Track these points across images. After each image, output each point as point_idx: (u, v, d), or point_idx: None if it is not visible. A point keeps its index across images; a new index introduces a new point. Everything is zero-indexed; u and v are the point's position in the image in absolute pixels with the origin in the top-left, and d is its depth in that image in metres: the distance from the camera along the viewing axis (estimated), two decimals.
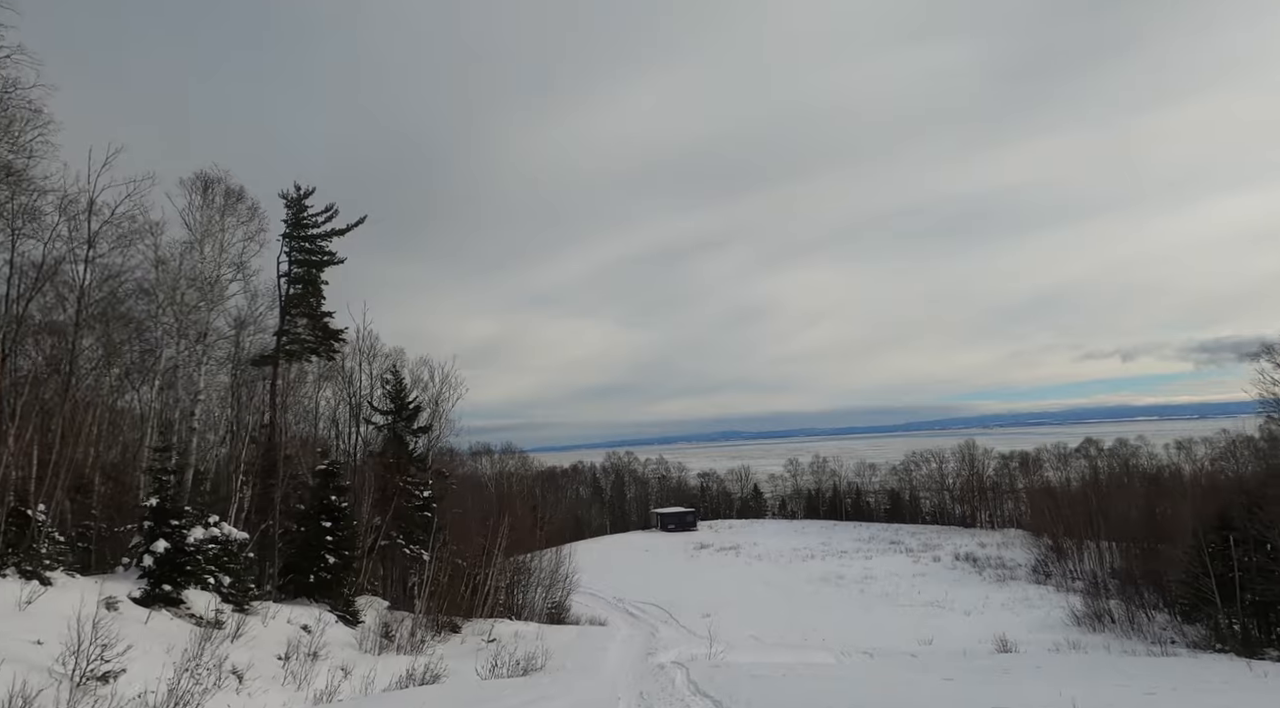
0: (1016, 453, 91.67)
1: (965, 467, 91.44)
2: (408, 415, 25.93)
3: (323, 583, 18.73)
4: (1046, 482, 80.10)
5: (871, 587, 54.08)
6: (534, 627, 27.01)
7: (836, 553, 72.62)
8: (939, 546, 72.41)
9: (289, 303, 24.78)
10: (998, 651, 27.45)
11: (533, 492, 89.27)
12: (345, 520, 19.45)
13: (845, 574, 59.98)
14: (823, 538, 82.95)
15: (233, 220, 23.52)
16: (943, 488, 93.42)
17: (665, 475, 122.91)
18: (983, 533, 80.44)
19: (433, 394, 41.61)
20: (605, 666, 18.18)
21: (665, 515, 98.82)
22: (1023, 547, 65.75)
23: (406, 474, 24.95)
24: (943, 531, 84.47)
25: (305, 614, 17.11)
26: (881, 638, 35.36)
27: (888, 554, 70.86)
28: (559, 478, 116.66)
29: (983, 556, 64.87)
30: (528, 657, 16.40)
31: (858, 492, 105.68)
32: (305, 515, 19.21)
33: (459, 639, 22.46)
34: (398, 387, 25.94)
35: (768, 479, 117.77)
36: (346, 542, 19.31)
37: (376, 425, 26.16)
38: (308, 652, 14.76)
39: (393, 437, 25.77)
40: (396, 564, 26.73)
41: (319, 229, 25.55)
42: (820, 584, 56.73)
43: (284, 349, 24.52)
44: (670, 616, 43.13)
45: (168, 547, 13.12)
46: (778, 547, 77.57)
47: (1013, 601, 45.17)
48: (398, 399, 25.86)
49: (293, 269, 25.09)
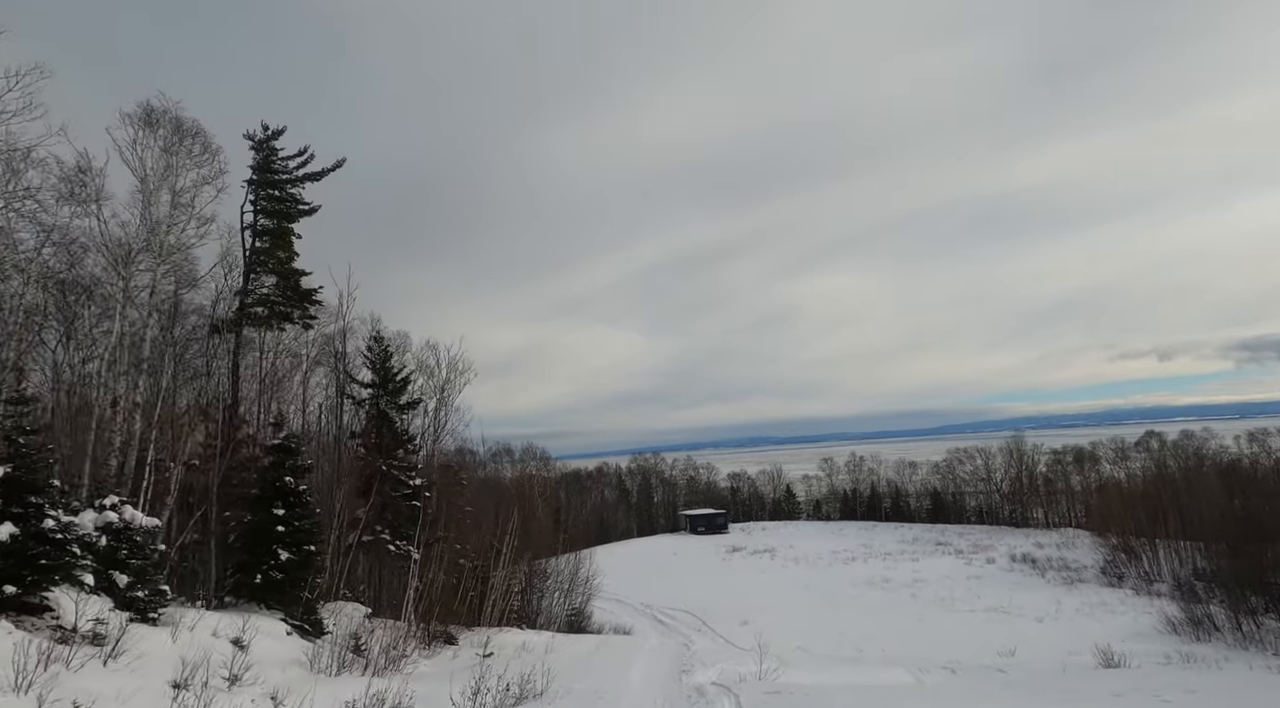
0: (1070, 448, 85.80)
1: (1014, 463, 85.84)
2: (394, 388, 22.20)
3: (272, 585, 15.00)
4: (1110, 477, 74.47)
5: (923, 591, 49.37)
6: (546, 637, 23.08)
7: (879, 555, 67.89)
8: (991, 546, 67.34)
9: (254, 259, 21.24)
10: (1102, 665, 22.92)
11: (556, 495, 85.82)
12: (304, 508, 15.74)
13: (892, 577, 55.31)
14: (863, 540, 78.15)
15: (185, 161, 20.06)
16: (990, 486, 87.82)
17: (694, 477, 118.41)
18: (1038, 532, 75.01)
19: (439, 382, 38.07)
20: (627, 689, 14.19)
21: (695, 517, 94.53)
22: (1087, 547, 60.50)
23: (393, 457, 21.22)
24: (993, 531, 79.14)
25: (241, 625, 13.35)
26: (948, 649, 30.88)
27: (935, 556, 66.00)
28: (584, 481, 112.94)
29: (1042, 556, 59.73)
30: (524, 679, 12.46)
31: (897, 491, 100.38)
32: (255, 501, 15.52)
33: (451, 654, 18.61)
34: (382, 355, 22.21)
35: (801, 479, 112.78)
36: (305, 534, 15.59)
37: (355, 399, 22.46)
38: (225, 675, 10.97)
39: (376, 413, 22.06)
40: (388, 565, 22.96)
41: (290, 174, 22.02)
42: (865, 588, 52.15)
43: (248, 312, 20.99)
44: (704, 623, 38.96)
45: (14, 533, 9.46)
46: (815, 549, 72.96)
47: (1088, 605, 40.27)
48: (381, 369, 22.15)
49: (258, 220, 21.55)
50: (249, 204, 21.57)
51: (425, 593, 20.56)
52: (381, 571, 22.44)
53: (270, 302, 21.56)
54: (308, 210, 22.02)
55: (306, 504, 16.08)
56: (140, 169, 19.16)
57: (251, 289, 21.22)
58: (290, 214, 21.85)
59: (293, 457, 16.11)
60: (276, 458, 15.94)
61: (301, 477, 16.24)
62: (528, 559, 29.16)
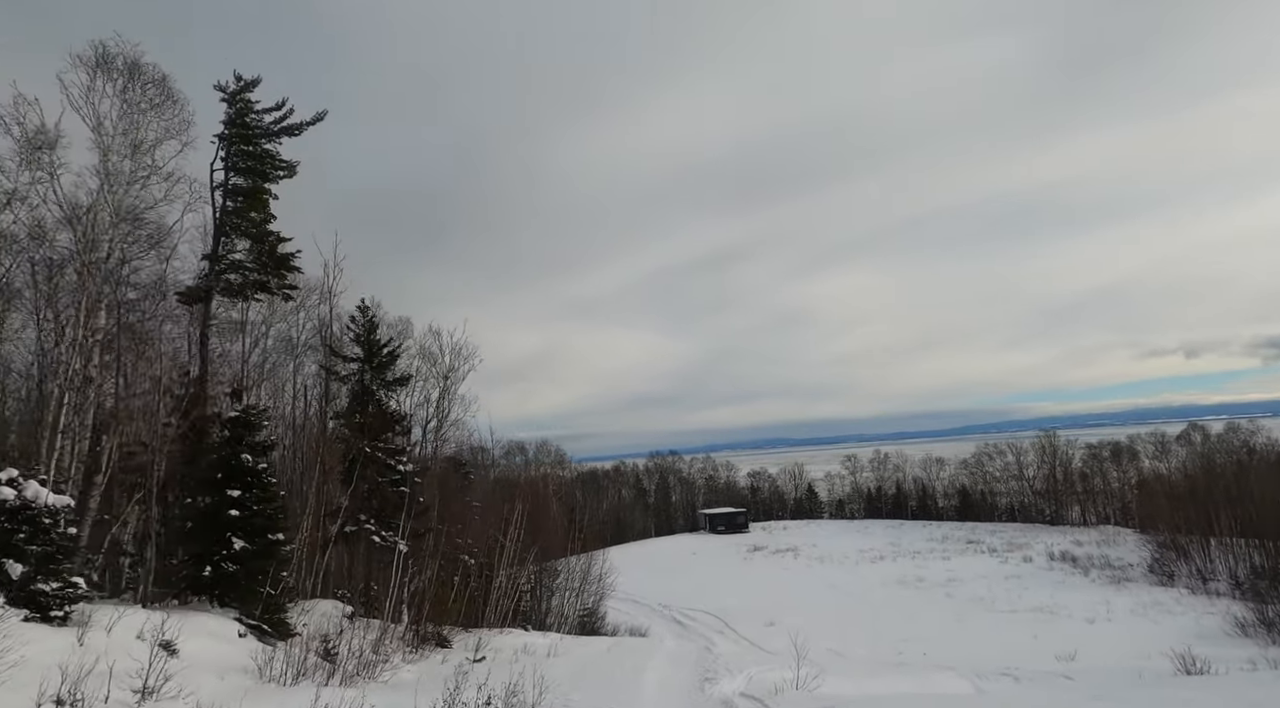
0: (1107, 443, 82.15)
1: (1047, 459, 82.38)
2: (380, 363, 20.02)
3: (226, 578, 12.87)
4: (1151, 472, 70.97)
5: (959, 590, 46.56)
6: (551, 639, 20.82)
7: (908, 554, 65.03)
8: (1026, 545, 64.22)
9: (225, 222, 19.22)
10: (1181, 671, 20.26)
11: (571, 494, 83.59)
12: (265, 490, 13.61)
13: (925, 576, 52.51)
14: (890, 538, 75.23)
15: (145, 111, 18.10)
16: (1023, 482, 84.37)
17: (712, 476, 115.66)
18: (1075, 530, 71.66)
19: (442, 369, 35.95)
20: (639, 702, 11.90)
21: (714, 516, 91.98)
22: (1131, 544, 57.37)
23: (380, 439, 19.05)
24: (1026, 528, 75.83)
25: (179, 625, 11.21)
26: (996, 652, 28.25)
27: (968, 554, 63.04)
28: (600, 480, 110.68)
29: (1082, 554, 56.60)
30: (509, 689, 10.20)
31: (923, 489, 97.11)
32: (207, 483, 13.42)
33: (440, 658, 16.40)
34: (368, 326, 20.03)
35: (823, 477, 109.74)
36: (266, 520, 13.46)
37: (339, 375, 20.28)
38: (136, 687, 8.81)
39: (361, 390, 19.89)
40: (377, 559, 20.82)
41: (266, 129, 19.98)
42: (897, 588, 49.42)
43: (219, 278, 18.97)
44: (726, 624, 36.54)
45: None
46: (840, 548, 70.20)
47: (1142, 605, 37.31)
48: (366, 341, 19.97)
49: (230, 179, 19.52)
50: (219, 161, 19.55)
51: (416, 590, 18.38)
52: (370, 566, 20.31)
53: (244, 268, 19.54)
54: (285, 168, 19.97)
55: (268, 486, 13.94)
56: (94, 118, 17.16)
57: (223, 254, 19.21)
58: (265, 173, 19.81)
59: (252, 431, 13.99)
60: (233, 432, 13.82)
61: (263, 454, 14.11)
62: (534, 554, 26.93)
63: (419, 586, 18.41)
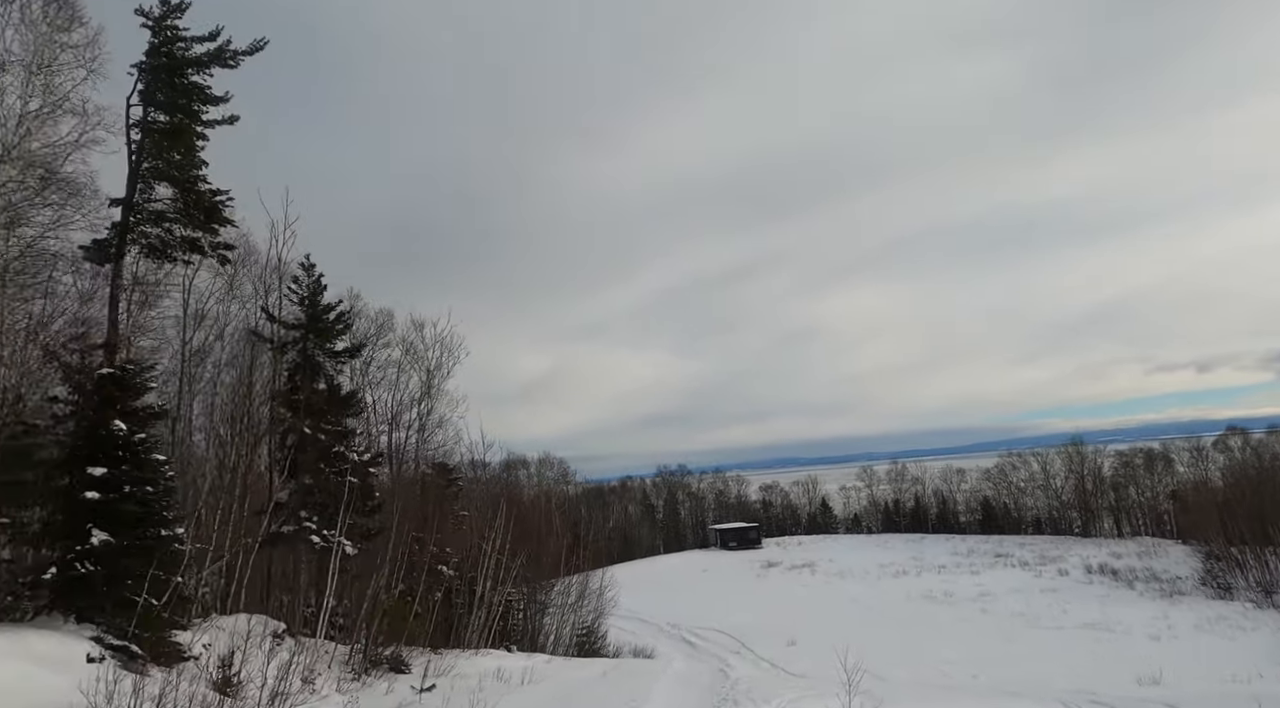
0: (1139, 450, 77.99)
1: (1075, 468, 78.30)
2: (324, 328, 16.78)
3: (81, 584, 9.64)
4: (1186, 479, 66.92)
5: (995, 605, 42.74)
6: (535, 662, 17.44)
7: (932, 568, 61.09)
8: (1060, 557, 60.19)
9: (139, 162, 16.19)
10: None
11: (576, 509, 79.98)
12: (145, 470, 10.45)
13: (954, 591, 48.66)
14: (911, 552, 71.20)
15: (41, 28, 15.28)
16: (1049, 493, 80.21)
17: (722, 491, 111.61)
18: (1110, 542, 67.53)
19: (428, 364, 32.72)
20: None
21: (725, 532, 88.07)
22: (1175, 556, 53.39)
23: (323, 420, 15.82)
24: (1056, 540, 71.67)
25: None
26: (1056, 672, 24.69)
27: (997, 568, 59.07)
28: (606, 496, 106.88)
29: (1123, 567, 52.63)
30: None
31: (943, 501, 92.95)
32: (63, 460, 10.26)
33: (385, 688, 13.06)
34: (314, 288, 16.78)
35: (839, 491, 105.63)
36: (142, 508, 10.27)
37: (271, 343, 16.91)
38: None
39: (303, 361, 16.64)
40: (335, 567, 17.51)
41: (195, 59, 16.99)
42: (925, 603, 45.62)
43: (134, 230, 15.92)
44: (743, 644, 32.93)
45: None
46: (860, 562, 66.26)
47: (1207, 621, 33.40)
48: (310, 302, 16.73)
49: (150, 113, 16.50)
50: (138, 96, 16.56)
51: (368, 604, 15.07)
52: (318, 574, 17.01)
53: (166, 220, 16.49)
54: (216, 103, 16.94)
55: (151, 464, 10.75)
56: None
57: (140, 202, 16.17)
58: (192, 109, 16.78)
59: (129, 393, 10.82)
60: (103, 395, 10.65)
61: (144, 424, 10.93)
62: (521, 563, 23.55)
63: (371, 597, 15.09)
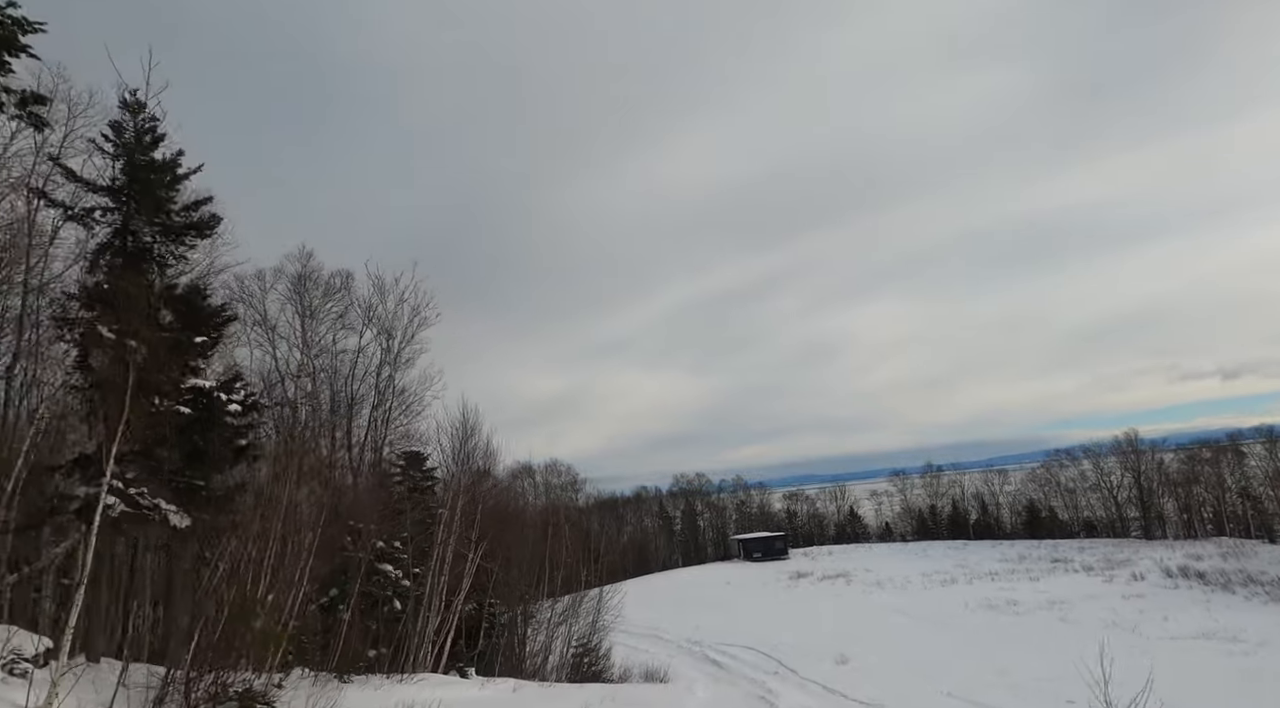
0: (1209, 445, 70.92)
1: (1131, 466, 71.42)
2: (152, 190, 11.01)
3: None
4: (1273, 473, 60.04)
5: (1074, 614, 36.33)
6: (491, 692, 11.63)
7: (983, 575, 54.52)
8: (1129, 561, 53.46)
9: None
10: None
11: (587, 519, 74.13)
12: None
13: (1018, 599, 42.19)
14: (956, 560, 64.54)
15: None
16: (1107, 493, 73.24)
17: (744, 501, 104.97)
18: (1181, 543, 60.53)
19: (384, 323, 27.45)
20: None
21: (749, 542, 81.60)
22: (1267, 556, 46.72)
23: (150, 327, 10.27)
24: (1119, 543, 64.71)
25: None
26: (1212, 694, 18.56)
27: (1058, 574, 52.48)
28: (620, 508, 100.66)
29: (1210, 569, 45.95)
30: None
31: (983, 506, 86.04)
32: None
33: None
34: (137, 132, 11.10)
35: (869, 497, 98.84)
36: None
37: (77, 217, 11.29)
38: None
39: (122, 245, 11.02)
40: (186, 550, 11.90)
41: None
42: (988, 613, 39.22)
43: None
44: (781, 664, 26.78)
45: None
46: (900, 571, 59.73)
47: None
48: (130, 154, 11.02)
49: None
50: None
51: (199, 605, 9.41)
52: (157, 560, 11.38)
53: None
54: None
55: None
56: None
57: None
58: None
59: None
60: None
61: None
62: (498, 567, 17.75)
63: (207, 593, 9.45)
